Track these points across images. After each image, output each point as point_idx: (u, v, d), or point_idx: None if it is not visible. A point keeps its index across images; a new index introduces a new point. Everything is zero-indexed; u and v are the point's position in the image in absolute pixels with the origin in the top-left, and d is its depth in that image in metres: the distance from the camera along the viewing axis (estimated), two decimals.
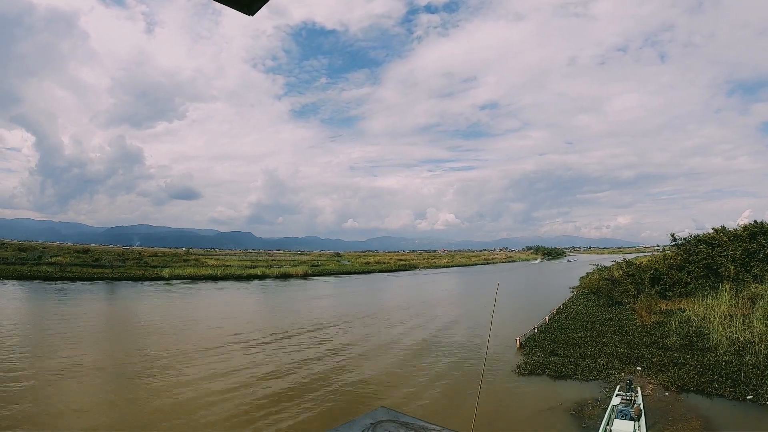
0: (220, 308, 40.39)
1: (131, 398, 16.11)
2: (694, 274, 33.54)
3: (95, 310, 36.48)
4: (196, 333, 28.27)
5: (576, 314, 32.15)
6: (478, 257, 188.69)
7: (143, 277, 66.13)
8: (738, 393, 15.62)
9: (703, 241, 35.34)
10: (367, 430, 2.02)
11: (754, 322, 22.05)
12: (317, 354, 23.22)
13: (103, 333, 28.37)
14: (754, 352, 19.17)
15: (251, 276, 74.59)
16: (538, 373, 19.00)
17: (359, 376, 19.39)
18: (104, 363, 20.49)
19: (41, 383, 17.20)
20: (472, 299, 50.43)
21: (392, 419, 2.16)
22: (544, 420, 14.31)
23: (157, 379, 18.34)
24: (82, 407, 15.05)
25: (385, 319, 35.39)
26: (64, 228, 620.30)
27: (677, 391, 16.18)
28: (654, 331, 25.08)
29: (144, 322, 31.88)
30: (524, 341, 24.12)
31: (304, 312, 38.20)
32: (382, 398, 16.58)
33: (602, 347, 22.25)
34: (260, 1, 1.54)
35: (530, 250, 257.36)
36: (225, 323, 31.52)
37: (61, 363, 20.02)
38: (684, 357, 19.67)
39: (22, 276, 59.48)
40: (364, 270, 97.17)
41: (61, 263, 70.90)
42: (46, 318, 31.38)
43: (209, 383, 17.87)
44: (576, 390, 16.96)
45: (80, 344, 24.11)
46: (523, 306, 40.83)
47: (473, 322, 32.94)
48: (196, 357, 22.02)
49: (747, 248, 31.75)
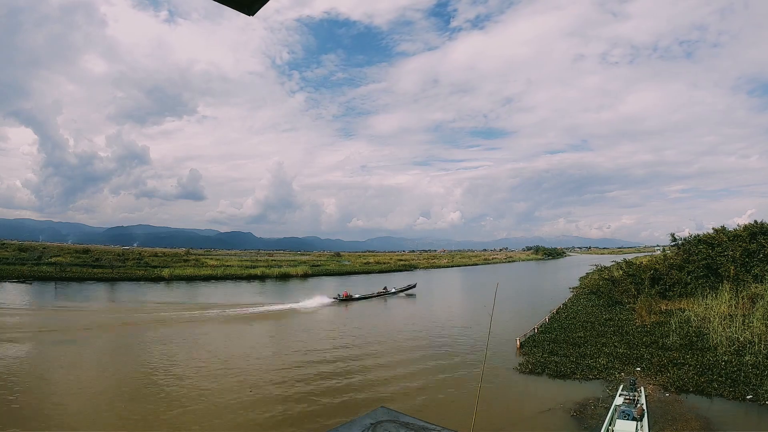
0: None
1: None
2: (694, 275, 33.53)
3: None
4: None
5: (576, 314, 32.16)
6: (478, 257, 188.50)
7: (143, 277, 66.14)
8: (738, 393, 15.63)
9: (703, 241, 35.34)
10: (367, 430, 2.02)
11: (753, 322, 22.07)
12: (315, 352, 23.22)
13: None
14: (754, 352, 19.19)
15: (251, 276, 74.64)
16: (538, 373, 19.01)
17: (359, 375, 19.39)
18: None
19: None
20: (472, 299, 50.43)
21: (392, 419, 2.16)
22: (545, 420, 14.31)
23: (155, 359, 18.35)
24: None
25: (383, 317, 35.37)
26: (64, 228, 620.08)
27: (677, 392, 16.18)
28: (654, 331, 25.09)
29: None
30: (524, 341, 24.12)
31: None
32: (382, 398, 16.57)
33: (602, 347, 22.25)
34: (260, 1, 1.54)
35: (530, 250, 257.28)
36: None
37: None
38: (684, 357, 19.68)
39: (22, 276, 59.55)
40: (365, 270, 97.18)
41: (61, 263, 70.90)
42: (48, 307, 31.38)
43: (209, 383, 17.88)
44: (576, 390, 16.96)
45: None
46: (523, 306, 40.82)
47: (473, 322, 32.92)
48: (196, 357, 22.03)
49: (747, 248, 31.75)
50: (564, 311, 34.21)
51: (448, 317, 36.20)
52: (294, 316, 36.32)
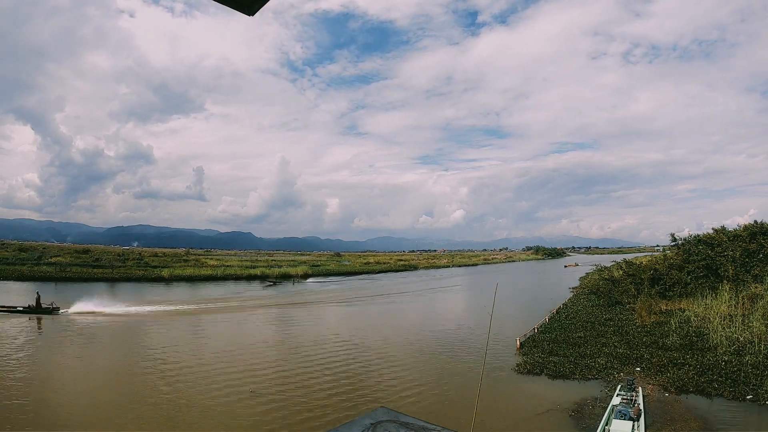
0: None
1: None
2: (693, 275, 33.50)
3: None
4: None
5: (576, 314, 32.15)
6: (477, 257, 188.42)
7: (143, 277, 66.15)
8: (738, 393, 15.63)
9: (703, 242, 35.35)
10: (367, 430, 2.02)
11: (753, 322, 22.07)
12: (312, 352, 23.23)
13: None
14: (754, 352, 19.20)
15: (251, 276, 74.72)
16: (537, 373, 19.00)
17: (359, 375, 19.39)
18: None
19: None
20: (472, 298, 50.43)
21: (392, 419, 2.16)
22: (543, 420, 14.31)
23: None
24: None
25: (382, 313, 35.37)
26: (64, 228, 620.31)
27: (677, 392, 16.18)
28: (654, 331, 25.08)
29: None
30: (524, 341, 24.11)
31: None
32: (382, 398, 16.56)
33: (602, 347, 22.24)
34: (260, 1, 1.54)
35: (530, 251, 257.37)
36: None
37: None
38: (684, 357, 19.67)
39: (22, 276, 59.58)
40: (365, 270, 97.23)
41: (61, 263, 70.94)
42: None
43: (208, 381, 17.88)
44: (575, 390, 16.96)
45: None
46: (523, 306, 40.83)
47: (473, 321, 32.91)
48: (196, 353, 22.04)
49: (747, 248, 31.75)
50: (564, 311, 34.19)
51: (448, 317, 36.19)
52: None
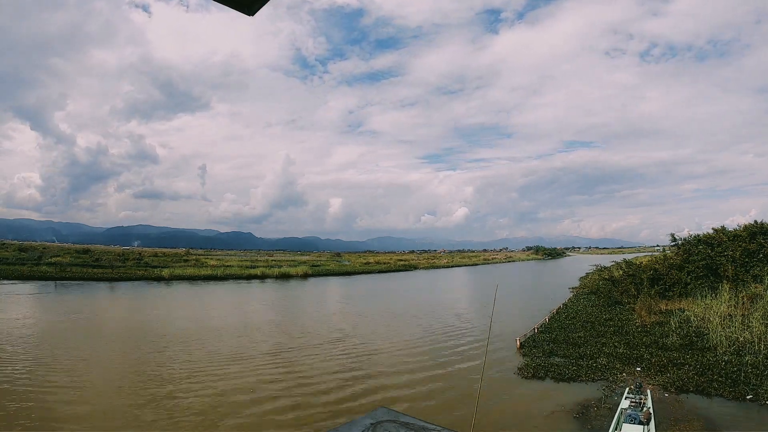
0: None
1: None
2: (693, 275, 33.52)
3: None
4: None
5: (576, 314, 32.15)
6: (477, 257, 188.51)
7: (143, 277, 66.26)
8: (738, 393, 15.62)
9: (703, 241, 35.36)
10: (367, 430, 2.02)
11: (753, 322, 22.06)
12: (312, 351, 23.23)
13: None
14: (754, 352, 19.21)
15: (251, 276, 74.76)
16: (538, 374, 18.97)
17: (359, 375, 19.39)
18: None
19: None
20: (472, 298, 50.42)
21: (392, 419, 2.16)
22: (545, 421, 14.27)
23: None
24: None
25: (381, 313, 35.36)
26: (64, 228, 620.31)
27: (677, 392, 16.17)
28: (654, 331, 25.09)
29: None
30: (524, 341, 24.11)
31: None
32: (382, 398, 16.56)
33: (602, 347, 22.24)
34: (260, 1, 1.54)
35: (530, 251, 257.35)
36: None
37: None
38: (684, 357, 19.67)
39: (22, 276, 59.63)
40: (365, 270, 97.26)
41: (61, 263, 70.94)
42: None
43: (207, 381, 17.89)
44: (578, 391, 16.92)
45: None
46: (523, 306, 40.82)
47: (473, 321, 32.92)
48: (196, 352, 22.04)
49: (747, 248, 31.76)
50: (564, 311, 34.19)
51: (448, 317, 36.17)
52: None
